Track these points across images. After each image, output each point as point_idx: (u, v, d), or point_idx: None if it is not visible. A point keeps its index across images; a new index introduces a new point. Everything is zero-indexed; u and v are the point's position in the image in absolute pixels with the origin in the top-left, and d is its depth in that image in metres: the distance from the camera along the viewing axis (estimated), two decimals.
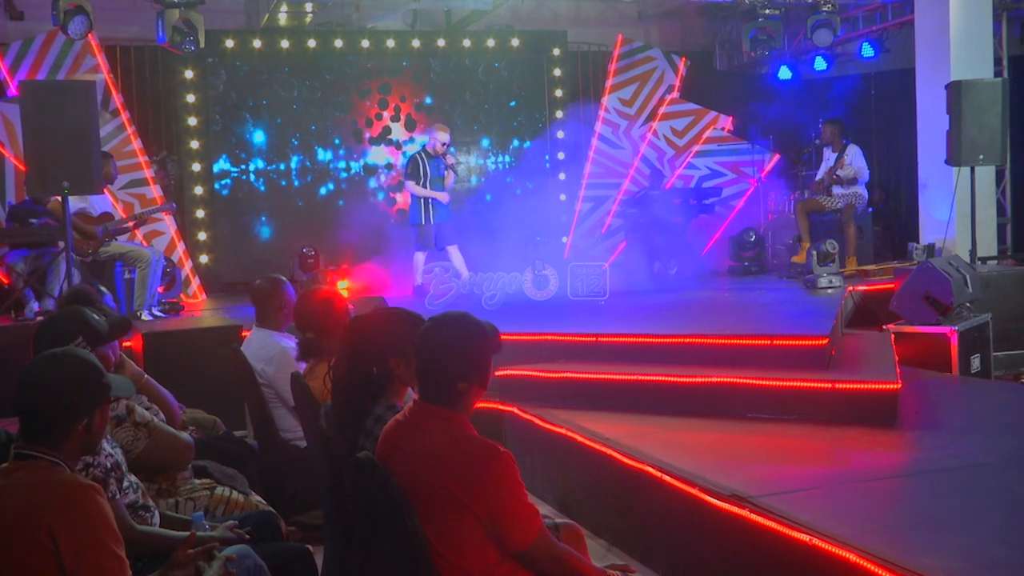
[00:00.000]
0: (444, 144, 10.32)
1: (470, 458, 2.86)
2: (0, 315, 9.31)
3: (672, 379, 6.00)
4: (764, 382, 5.73)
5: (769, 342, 6.20)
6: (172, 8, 8.99)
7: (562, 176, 13.29)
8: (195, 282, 11.34)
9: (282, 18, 12.22)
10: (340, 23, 12.68)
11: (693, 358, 6.35)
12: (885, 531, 3.72)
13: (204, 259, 11.99)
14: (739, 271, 11.63)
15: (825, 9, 10.75)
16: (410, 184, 10.37)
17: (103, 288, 5.99)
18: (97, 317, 3.66)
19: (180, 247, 11.21)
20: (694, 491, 4.38)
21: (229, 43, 11.93)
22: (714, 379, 5.87)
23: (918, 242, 10.79)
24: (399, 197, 12.81)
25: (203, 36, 9.40)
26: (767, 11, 10.89)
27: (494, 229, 11.12)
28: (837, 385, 5.56)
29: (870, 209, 11.51)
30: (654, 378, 6.06)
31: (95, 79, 10.63)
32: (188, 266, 11.28)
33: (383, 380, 3.42)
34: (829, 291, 9.15)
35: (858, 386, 5.53)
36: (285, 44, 12.20)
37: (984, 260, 9.77)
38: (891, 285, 9.42)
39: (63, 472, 2.78)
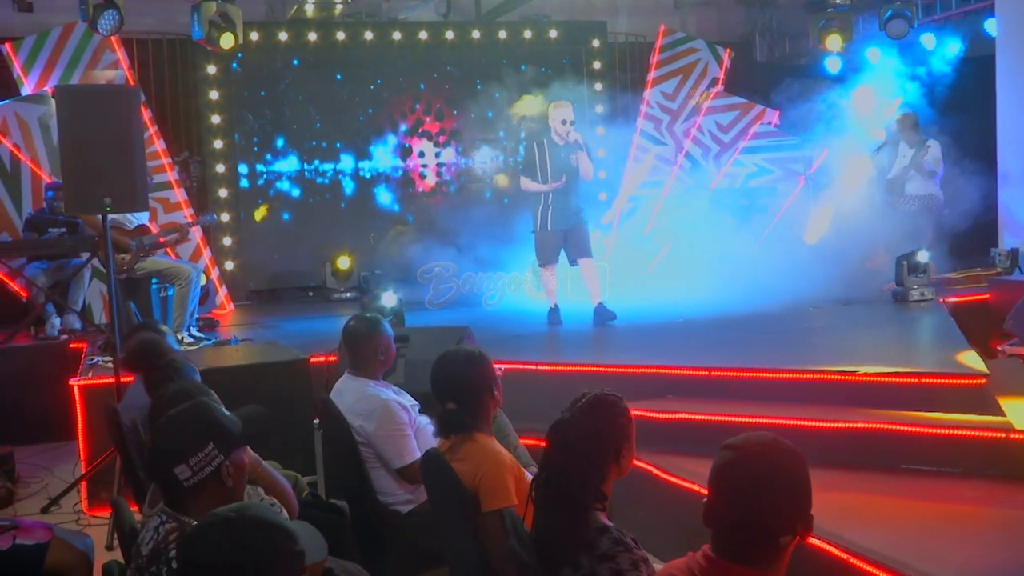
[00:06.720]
0: (565, 123, 8.35)
1: None
2: (19, 332, 8.61)
3: (810, 424, 5.27)
4: (922, 429, 5.04)
5: (917, 380, 5.50)
6: (209, 1, 8.20)
7: (603, 174, 12.54)
8: (222, 291, 10.61)
9: (309, 10, 11.46)
10: (370, 14, 11.92)
11: (822, 397, 5.66)
12: None
13: (229, 265, 11.24)
14: None
15: None
16: (522, 181, 8.66)
17: (164, 327, 5.22)
18: (226, 411, 2.86)
19: (206, 254, 10.48)
20: None
21: (254, 36, 11.13)
22: (860, 425, 5.17)
23: (996, 245, 10.14)
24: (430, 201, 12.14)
25: (242, 30, 8.61)
26: (837, 1, 10.14)
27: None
28: (1012, 435, 4.87)
29: (946, 211, 10.82)
30: (789, 422, 5.30)
31: (115, 75, 9.92)
32: (215, 274, 10.56)
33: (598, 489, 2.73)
34: (922, 304, 8.46)
35: None
36: (313, 37, 11.45)
37: None
38: (984, 296, 8.79)
39: None
